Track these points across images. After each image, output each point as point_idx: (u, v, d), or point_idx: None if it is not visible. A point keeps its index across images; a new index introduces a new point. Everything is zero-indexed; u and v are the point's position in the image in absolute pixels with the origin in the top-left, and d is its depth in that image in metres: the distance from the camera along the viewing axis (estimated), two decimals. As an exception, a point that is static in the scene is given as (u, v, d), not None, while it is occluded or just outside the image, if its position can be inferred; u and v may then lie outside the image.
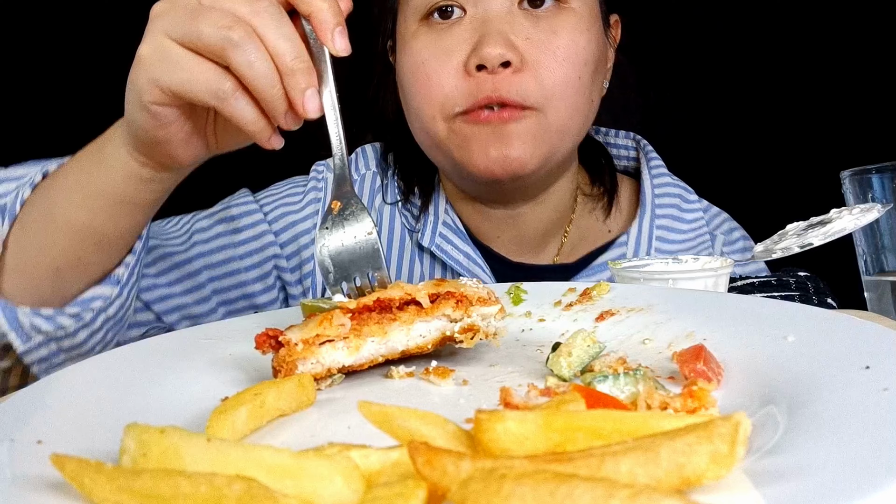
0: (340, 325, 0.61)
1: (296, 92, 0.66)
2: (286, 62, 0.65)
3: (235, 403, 0.51)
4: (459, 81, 1.01)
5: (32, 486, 0.39)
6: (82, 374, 0.61)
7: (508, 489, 0.32)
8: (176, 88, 0.68)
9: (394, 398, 0.58)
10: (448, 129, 1.04)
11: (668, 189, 1.22)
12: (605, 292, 0.77)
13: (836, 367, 0.49)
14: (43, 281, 0.83)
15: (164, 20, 0.68)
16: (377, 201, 1.23)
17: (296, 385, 0.56)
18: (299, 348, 0.60)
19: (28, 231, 0.82)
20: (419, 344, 0.64)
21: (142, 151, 0.78)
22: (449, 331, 0.64)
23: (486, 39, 0.98)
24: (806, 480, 0.35)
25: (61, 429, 0.49)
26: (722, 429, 0.36)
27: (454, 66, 1.01)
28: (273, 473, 0.36)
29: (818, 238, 0.84)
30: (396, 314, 0.63)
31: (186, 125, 0.75)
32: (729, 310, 0.68)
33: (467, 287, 0.66)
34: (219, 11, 0.66)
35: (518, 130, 1.00)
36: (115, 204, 0.81)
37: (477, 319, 0.64)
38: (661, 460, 0.35)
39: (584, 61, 1.03)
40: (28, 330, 0.83)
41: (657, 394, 0.51)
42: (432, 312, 0.64)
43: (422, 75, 1.04)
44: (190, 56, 0.67)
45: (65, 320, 0.84)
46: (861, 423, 0.40)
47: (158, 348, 0.70)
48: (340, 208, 0.72)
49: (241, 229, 1.15)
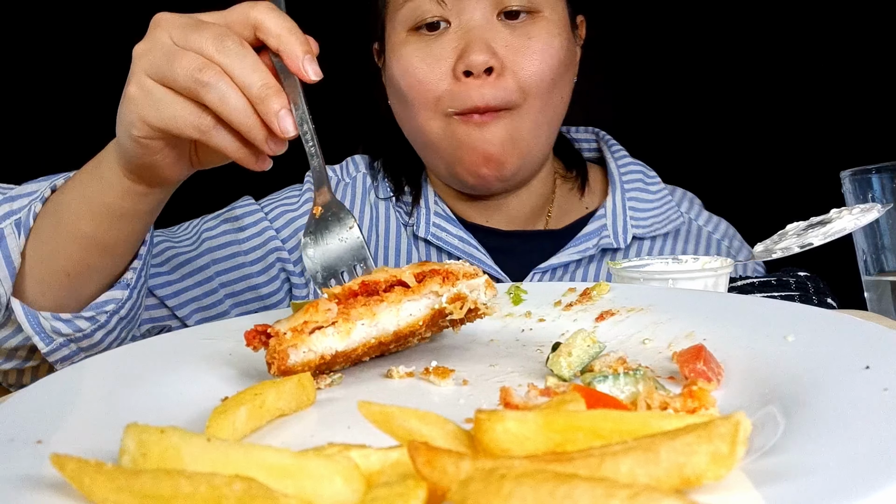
0: (327, 310, 0.61)
1: (270, 115, 0.72)
2: (254, 92, 0.72)
3: (235, 403, 0.51)
4: (450, 85, 1.12)
5: (32, 486, 0.39)
6: (82, 374, 0.61)
7: (508, 489, 0.32)
8: (161, 125, 0.75)
9: (394, 398, 0.58)
10: (443, 128, 1.15)
11: (631, 167, 1.36)
12: (605, 292, 0.77)
13: (836, 367, 0.49)
14: (57, 286, 0.91)
15: (144, 61, 0.75)
16: (371, 197, 1.32)
17: (296, 385, 0.56)
18: (288, 336, 0.59)
19: (40, 241, 0.90)
20: (410, 322, 0.63)
21: (133, 171, 0.84)
22: (438, 304, 0.64)
23: (471, 47, 1.10)
24: (806, 480, 0.35)
25: (61, 429, 0.49)
26: (722, 429, 0.36)
27: (444, 70, 1.13)
28: (273, 473, 0.36)
29: (818, 238, 0.84)
30: (383, 296, 0.62)
31: (172, 152, 0.82)
32: (729, 310, 0.68)
33: (452, 264, 0.66)
34: (189, 55, 0.73)
35: (500, 131, 1.13)
36: (115, 216, 0.88)
37: (464, 288, 0.64)
38: (661, 460, 0.35)
39: (557, 62, 1.15)
40: (50, 333, 0.90)
41: (657, 394, 0.51)
42: (419, 291, 0.63)
43: (414, 79, 1.14)
44: (170, 95, 0.74)
45: (82, 323, 0.91)
46: (861, 423, 0.40)
47: (158, 348, 0.70)
48: (322, 213, 0.77)
49: (244, 227, 1.24)
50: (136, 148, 0.79)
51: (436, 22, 1.13)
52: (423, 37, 1.14)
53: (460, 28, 1.12)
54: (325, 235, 0.76)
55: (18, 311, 0.89)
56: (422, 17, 1.13)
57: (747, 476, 0.37)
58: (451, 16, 1.13)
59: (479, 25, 1.12)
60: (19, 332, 0.92)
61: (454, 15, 1.13)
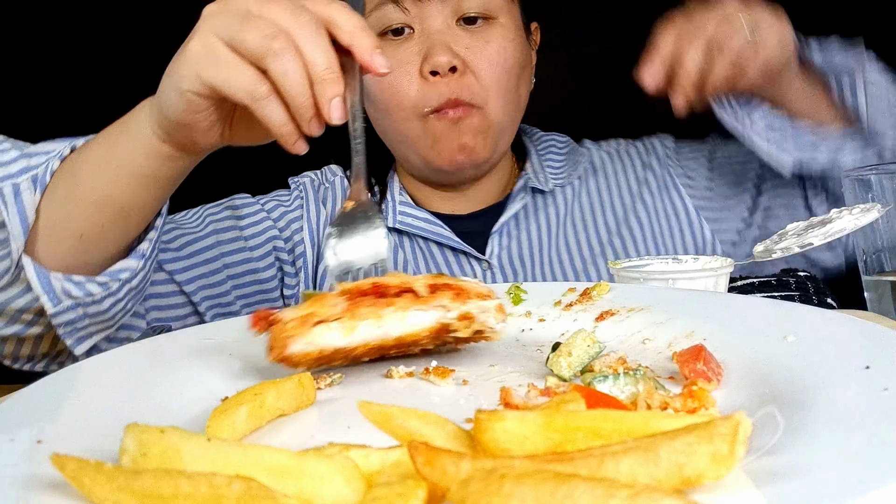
0: (334, 305, 0.61)
1: (324, 99, 0.73)
2: (318, 72, 0.73)
3: (235, 403, 0.51)
4: (420, 85, 1.20)
5: (32, 486, 0.39)
6: (82, 374, 0.61)
7: (508, 489, 0.32)
8: (216, 84, 0.77)
9: (394, 398, 0.58)
10: (421, 127, 1.23)
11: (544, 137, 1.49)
12: (605, 292, 0.77)
13: (836, 367, 0.49)
14: (67, 248, 0.90)
15: (215, 21, 0.77)
16: None
17: (296, 385, 0.56)
18: (290, 325, 0.59)
19: (56, 200, 0.89)
20: (414, 331, 0.63)
21: (165, 129, 0.85)
22: (445, 319, 0.63)
23: (434, 50, 1.19)
24: (806, 480, 0.35)
25: (61, 429, 0.49)
26: (722, 429, 0.35)
27: (412, 73, 1.21)
28: (273, 473, 0.36)
29: (818, 238, 0.84)
30: (392, 301, 0.62)
31: (212, 115, 0.83)
32: (729, 310, 0.68)
33: (466, 282, 0.65)
34: (265, 21, 0.74)
35: (471, 125, 1.22)
36: (137, 177, 0.88)
37: (473, 308, 0.64)
38: (661, 460, 0.35)
39: (513, 64, 1.24)
40: (59, 294, 0.89)
41: (657, 394, 0.51)
42: (428, 301, 0.63)
43: (386, 83, 1.21)
44: (233, 57, 0.75)
45: (93, 287, 0.91)
46: (861, 423, 0.40)
47: (158, 348, 0.70)
48: (353, 207, 0.76)
49: (243, 216, 1.30)
50: (180, 102, 0.80)
51: (400, 28, 1.21)
52: (390, 42, 1.22)
53: (423, 33, 1.21)
54: (351, 230, 0.75)
55: (29, 269, 0.88)
56: (388, 23, 1.21)
57: (747, 476, 0.37)
58: (414, 22, 1.21)
59: (440, 30, 1.21)
60: (27, 291, 0.91)
61: (417, 21, 1.21)
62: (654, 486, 0.34)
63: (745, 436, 0.36)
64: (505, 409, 0.49)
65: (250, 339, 0.65)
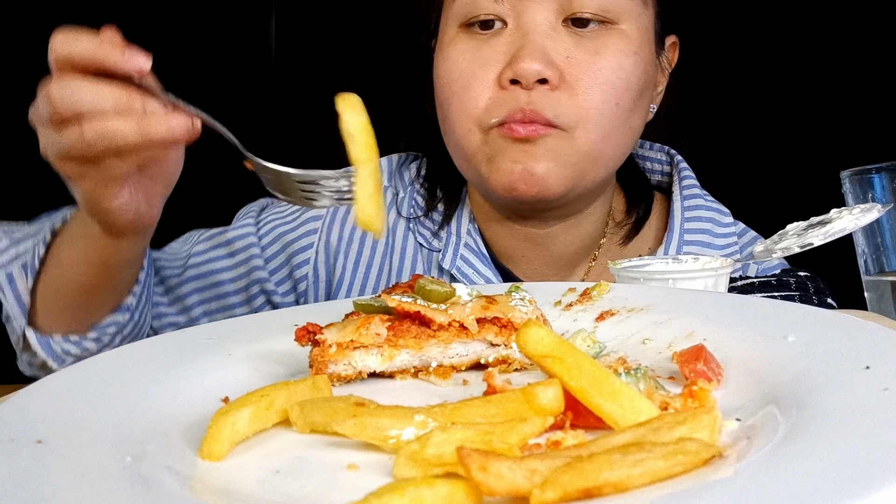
0: (377, 333, 0.62)
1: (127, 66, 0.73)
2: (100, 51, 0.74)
3: (240, 404, 0.51)
4: (494, 93, 0.99)
5: (32, 486, 0.39)
6: (82, 374, 0.61)
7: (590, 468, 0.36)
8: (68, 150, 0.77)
9: (394, 398, 0.58)
10: (482, 141, 1.01)
11: (699, 213, 1.16)
12: (605, 292, 0.77)
13: (836, 367, 0.49)
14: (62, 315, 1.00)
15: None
16: (391, 217, 1.19)
17: (310, 387, 0.56)
18: (332, 351, 0.61)
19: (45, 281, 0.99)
20: (454, 363, 0.64)
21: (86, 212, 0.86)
22: (484, 359, 0.64)
23: (522, 53, 0.96)
24: (806, 480, 0.35)
25: (61, 429, 0.49)
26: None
27: (491, 78, 0.99)
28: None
29: (818, 238, 0.84)
30: (436, 335, 0.63)
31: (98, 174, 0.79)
32: (729, 310, 0.67)
33: (516, 311, 0.64)
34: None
35: (544, 148, 0.98)
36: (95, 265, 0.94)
37: (514, 353, 0.63)
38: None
39: (627, 86, 0.99)
40: (60, 355, 1.00)
41: (657, 394, 0.51)
42: (473, 337, 0.63)
43: (458, 86, 1.02)
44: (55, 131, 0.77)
45: (89, 344, 1.01)
46: (861, 423, 0.40)
47: (158, 348, 0.70)
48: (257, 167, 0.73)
49: (234, 254, 1.19)
50: (66, 179, 0.81)
51: (490, 20, 0.99)
52: (475, 35, 1.01)
53: (517, 30, 0.98)
54: None
55: (32, 339, 0.99)
56: (475, 12, 1.00)
57: (747, 476, 0.37)
58: (507, 15, 0.99)
59: (540, 29, 0.97)
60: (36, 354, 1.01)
61: (512, 14, 0.99)
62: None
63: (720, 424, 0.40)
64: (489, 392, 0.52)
65: (250, 339, 0.65)
